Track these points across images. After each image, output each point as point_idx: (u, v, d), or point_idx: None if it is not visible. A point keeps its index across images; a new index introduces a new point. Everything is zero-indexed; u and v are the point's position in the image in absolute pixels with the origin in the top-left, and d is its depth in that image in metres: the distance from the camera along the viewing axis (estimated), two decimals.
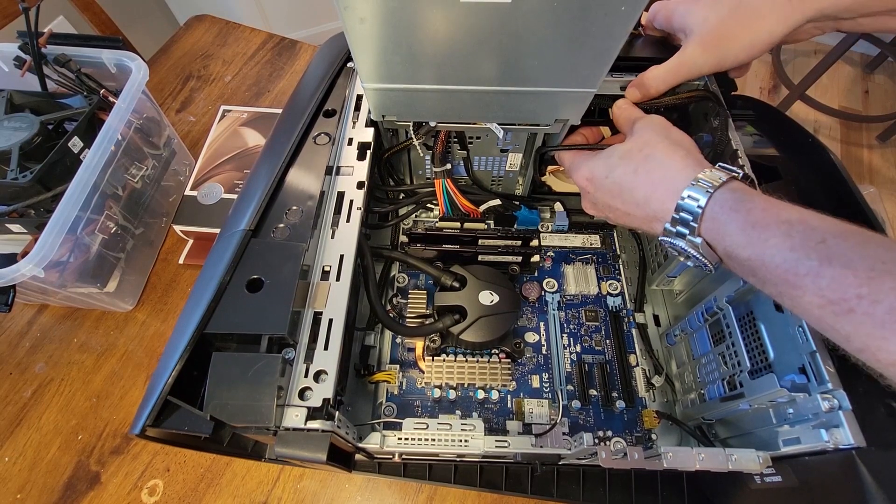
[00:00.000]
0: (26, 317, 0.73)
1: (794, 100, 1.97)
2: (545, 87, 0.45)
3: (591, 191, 0.50)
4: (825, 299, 0.31)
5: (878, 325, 0.29)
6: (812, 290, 0.32)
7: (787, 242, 0.33)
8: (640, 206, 0.44)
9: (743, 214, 0.37)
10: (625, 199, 0.45)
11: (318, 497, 0.61)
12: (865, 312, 0.29)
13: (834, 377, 0.38)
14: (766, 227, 0.35)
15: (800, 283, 0.32)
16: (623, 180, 0.45)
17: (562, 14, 0.36)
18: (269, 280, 0.41)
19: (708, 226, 0.39)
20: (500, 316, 0.58)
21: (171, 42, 1.06)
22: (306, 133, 0.52)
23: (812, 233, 0.33)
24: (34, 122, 0.62)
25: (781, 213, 0.35)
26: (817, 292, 0.31)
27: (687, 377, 0.59)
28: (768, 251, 0.34)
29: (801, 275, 0.32)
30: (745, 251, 0.36)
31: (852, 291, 0.30)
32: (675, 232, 0.41)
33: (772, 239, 0.34)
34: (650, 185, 0.43)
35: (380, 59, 0.42)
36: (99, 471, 0.62)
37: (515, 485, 0.52)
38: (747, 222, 0.36)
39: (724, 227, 0.37)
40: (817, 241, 0.32)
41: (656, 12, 0.54)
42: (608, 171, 0.47)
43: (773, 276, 0.34)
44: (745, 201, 0.37)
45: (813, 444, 0.39)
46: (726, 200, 0.38)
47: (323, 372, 0.40)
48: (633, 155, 0.45)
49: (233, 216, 0.46)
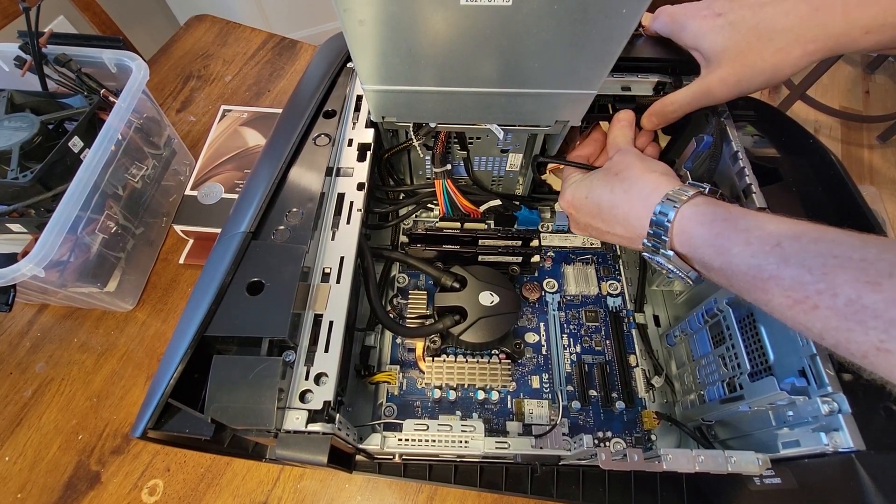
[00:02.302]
0: (27, 316, 0.73)
1: (794, 100, 1.97)
2: (545, 89, 0.45)
3: (573, 213, 0.53)
4: (791, 299, 0.32)
5: (841, 318, 0.30)
6: (777, 291, 0.33)
7: (748, 249, 0.35)
8: (619, 224, 0.46)
9: (707, 227, 0.38)
10: (604, 217, 0.48)
11: (318, 497, 0.61)
12: (828, 307, 0.30)
13: (834, 380, 0.38)
14: (728, 236, 0.37)
15: (766, 286, 0.34)
16: (601, 200, 0.48)
17: (562, 16, 0.36)
18: (269, 283, 0.41)
19: (679, 239, 0.40)
20: (500, 316, 0.58)
21: (172, 42, 1.06)
22: (306, 134, 0.52)
23: (768, 237, 0.34)
24: (34, 122, 0.62)
25: (740, 221, 0.37)
26: (782, 293, 0.33)
27: (687, 378, 0.59)
28: (734, 260, 0.36)
29: (765, 279, 0.33)
30: (716, 262, 0.37)
31: (811, 288, 0.31)
32: (650, 247, 0.43)
33: (734, 248, 0.36)
34: (627, 203, 0.45)
35: (379, 61, 0.42)
36: (99, 470, 0.62)
37: (515, 485, 0.52)
38: (711, 234, 0.38)
39: (694, 240, 0.39)
40: (773, 245, 0.33)
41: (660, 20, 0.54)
42: (587, 191, 0.50)
43: (743, 283, 0.36)
44: (709, 214, 0.39)
45: (812, 447, 0.39)
46: (693, 214, 0.40)
47: (323, 374, 0.40)
48: (609, 176, 0.48)
49: (233, 218, 0.46)
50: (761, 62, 0.46)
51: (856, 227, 0.47)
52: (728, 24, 0.47)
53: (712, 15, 0.49)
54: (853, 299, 0.29)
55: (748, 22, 0.46)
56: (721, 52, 0.48)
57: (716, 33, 0.48)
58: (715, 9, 0.49)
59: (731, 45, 0.47)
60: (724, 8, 0.48)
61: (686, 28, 0.51)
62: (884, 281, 0.28)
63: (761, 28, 0.46)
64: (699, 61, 0.51)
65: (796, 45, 0.45)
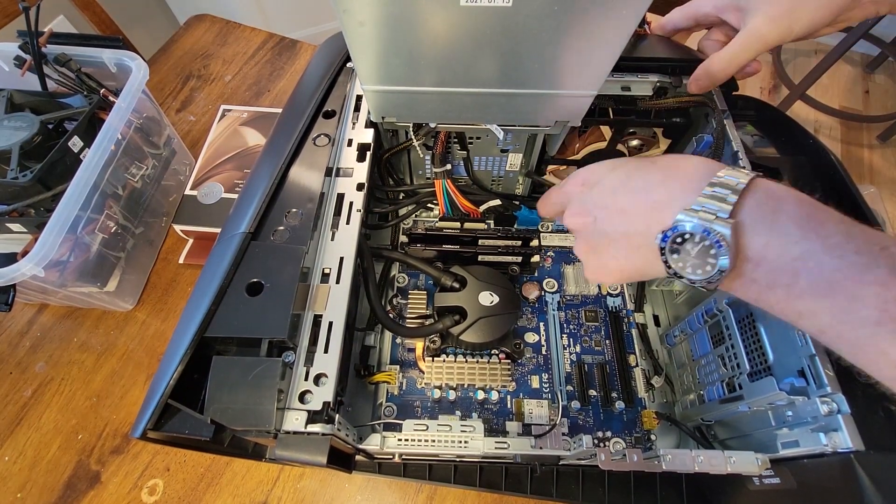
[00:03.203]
0: (26, 316, 0.73)
1: (794, 99, 1.97)
2: (545, 90, 0.45)
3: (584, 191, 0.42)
4: (888, 314, 0.27)
5: None
6: (874, 302, 0.27)
7: (851, 243, 0.28)
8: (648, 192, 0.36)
9: (794, 205, 0.31)
10: (629, 187, 0.38)
11: (318, 497, 0.61)
12: None
13: (833, 381, 0.38)
14: (823, 222, 0.30)
15: (861, 292, 0.27)
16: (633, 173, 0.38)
17: (563, 17, 0.36)
18: (269, 283, 0.41)
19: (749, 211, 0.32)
20: (499, 316, 0.58)
21: (172, 42, 1.06)
22: (306, 134, 0.52)
23: (873, 237, 0.28)
24: (34, 122, 0.62)
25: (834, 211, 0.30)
26: (880, 305, 0.27)
27: (686, 378, 0.59)
28: (827, 250, 0.29)
29: (866, 283, 0.27)
30: (797, 247, 0.30)
31: None
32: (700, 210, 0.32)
33: (833, 237, 0.29)
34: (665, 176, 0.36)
35: (379, 62, 0.42)
36: (99, 470, 0.62)
37: (515, 485, 0.52)
38: (800, 214, 0.30)
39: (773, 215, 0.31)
40: (881, 248, 0.28)
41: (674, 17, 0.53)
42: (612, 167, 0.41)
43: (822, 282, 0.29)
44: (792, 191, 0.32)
45: (812, 448, 0.39)
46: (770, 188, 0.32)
47: (323, 375, 0.40)
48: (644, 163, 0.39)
49: (232, 219, 0.46)
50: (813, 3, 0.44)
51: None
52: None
53: None
54: None
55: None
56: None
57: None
58: None
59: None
60: None
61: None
62: None
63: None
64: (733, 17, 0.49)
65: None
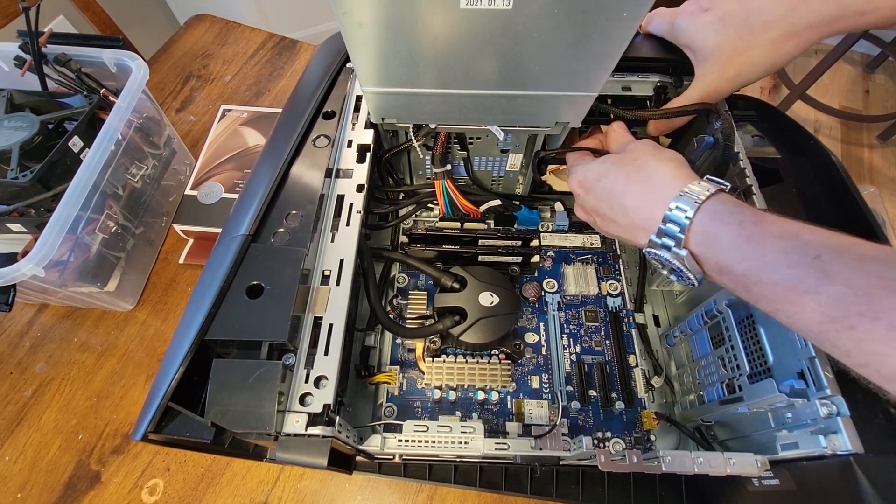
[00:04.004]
0: (27, 316, 0.73)
1: (794, 99, 1.97)
2: (546, 91, 0.45)
3: (581, 194, 0.50)
4: (826, 316, 0.30)
5: (879, 342, 0.29)
6: (812, 307, 0.31)
7: (785, 259, 0.33)
8: (626, 214, 0.44)
9: (735, 228, 0.36)
10: (612, 205, 0.45)
11: (318, 496, 0.61)
12: (867, 329, 0.29)
13: (832, 383, 0.38)
14: (761, 242, 0.34)
15: (799, 300, 0.32)
16: (614, 186, 0.45)
17: (563, 19, 0.36)
18: (269, 286, 0.41)
19: (696, 239, 0.38)
20: (499, 317, 0.58)
21: (172, 42, 1.06)
22: (305, 135, 0.52)
23: (807, 248, 0.32)
24: (34, 122, 0.62)
25: (773, 226, 0.35)
26: (817, 309, 0.31)
27: (686, 378, 0.59)
28: (765, 268, 0.34)
29: (801, 292, 0.32)
30: (740, 266, 0.35)
31: (853, 309, 0.29)
32: (660, 243, 0.40)
33: (768, 255, 0.34)
34: (640, 193, 0.43)
35: (379, 63, 0.42)
36: (99, 470, 0.62)
37: (515, 485, 0.52)
38: (740, 237, 0.36)
39: (716, 241, 0.37)
40: (813, 257, 0.32)
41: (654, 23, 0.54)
42: (600, 175, 0.47)
43: (770, 293, 0.34)
44: (736, 214, 0.37)
45: (811, 450, 0.39)
46: (716, 213, 0.37)
47: (323, 377, 0.40)
48: (625, 163, 0.46)
49: (232, 221, 0.46)
50: (758, 55, 0.46)
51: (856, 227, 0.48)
52: (717, 19, 0.47)
53: (699, 10, 0.48)
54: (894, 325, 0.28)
55: (738, 16, 0.46)
56: (715, 49, 0.47)
57: (706, 31, 0.47)
58: (701, 3, 0.48)
59: (724, 40, 0.46)
60: (711, 3, 0.48)
61: (676, 26, 0.50)
62: None
63: (752, 21, 0.45)
64: (692, 59, 0.50)
65: (790, 35, 0.44)
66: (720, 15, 0.47)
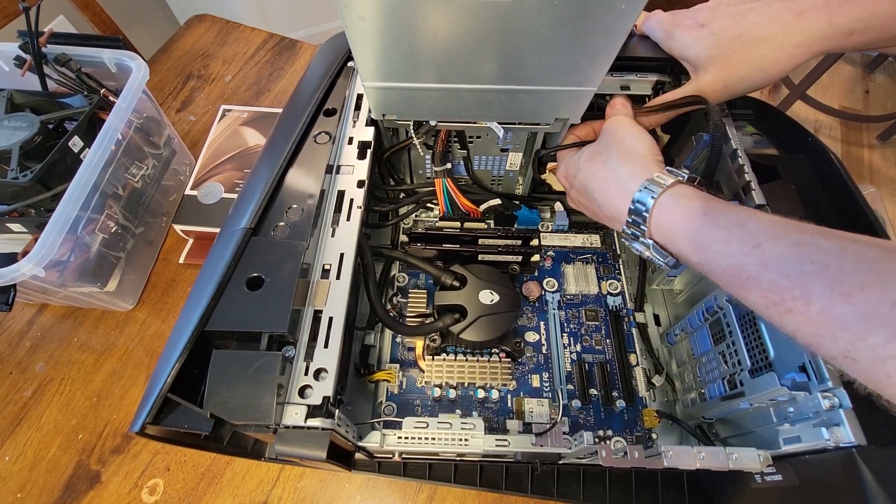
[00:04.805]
0: (26, 316, 0.73)
1: (794, 99, 1.97)
2: (545, 86, 0.45)
3: (567, 186, 0.54)
4: (767, 300, 0.33)
5: (814, 325, 0.30)
6: (756, 291, 0.33)
7: (727, 248, 0.35)
8: (601, 207, 0.47)
9: (685, 222, 0.38)
10: (591, 199, 0.49)
11: (318, 496, 0.61)
12: (801, 313, 0.31)
13: (834, 375, 0.38)
14: (706, 233, 0.37)
15: (744, 285, 0.34)
16: (587, 182, 0.49)
17: (562, 13, 0.36)
18: (269, 278, 0.41)
19: (657, 231, 0.41)
20: (500, 315, 0.58)
21: (172, 42, 1.06)
22: (306, 132, 0.52)
23: (748, 237, 0.34)
24: (34, 122, 0.62)
25: (720, 218, 0.37)
26: (760, 294, 0.33)
27: (687, 376, 0.59)
28: (713, 258, 0.36)
29: (744, 278, 0.34)
30: (693, 257, 0.38)
31: (787, 294, 0.31)
32: (629, 234, 0.44)
33: (713, 246, 0.36)
34: (606, 189, 0.46)
35: (380, 58, 0.42)
36: (99, 470, 0.62)
37: (515, 484, 0.52)
38: (690, 229, 0.38)
39: (672, 233, 0.40)
40: (753, 246, 0.33)
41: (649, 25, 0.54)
42: (577, 171, 0.51)
43: (721, 279, 0.36)
44: (686, 207, 0.39)
45: (813, 443, 0.39)
46: (671, 206, 0.40)
47: (323, 370, 0.40)
48: (594, 158, 0.49)
49: (233, 214, 0.46)
50: (748, 69, 0.47)
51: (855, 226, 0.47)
52: (712, 34, 0.48)
53: (696, 26, 0.49)
54: (825, 308, 0.29)
55: (732, 31, 0.47)
56: (707, 61, 0.48)
57: (701, 43, 0.49)
58: (698, 19, 0.49)
59: (716, 54, 0.48)
60: (707, 18, 0.49)
61: (672, 37, 0.51)
62: (856, 293, 0.28)
63: (745, 37, 0.46)
64: (687, 68, 0.52)
65: (781, 52, 0.45)
66: (715, 30, 0.48)
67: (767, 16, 0.45)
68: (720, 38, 0.47)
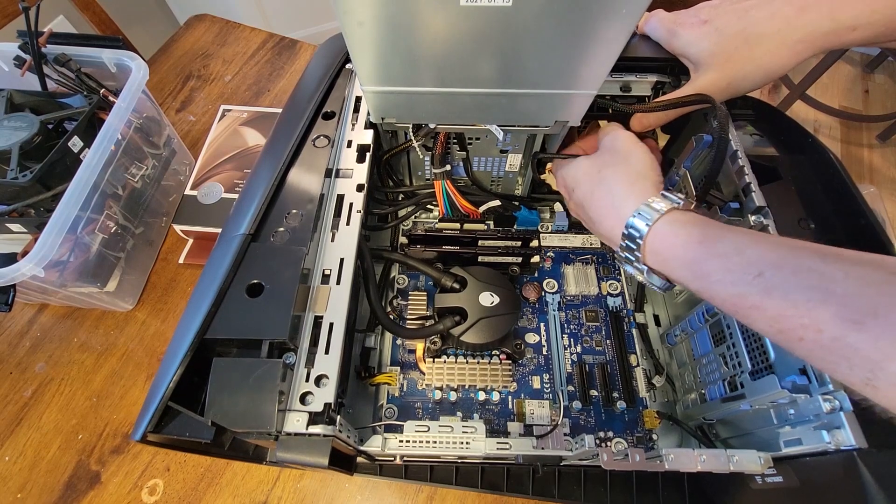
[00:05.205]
0: (26, 316, 0.73)
1: (794, 99, 1.97)
2: (545, 90, 0.45)
3: (567, 196, 0.54)
4: (775, 328, 0.32)
5: (828, 352, 0.29)
6: (762, 320, 0.32)
7: (728, 277, 0.34)
8: (597, 225, 0.47)
9: (682, 249, 0.37)
10: (588, 214, 0.49)
11: (318, 497, 0.61)
12: (813, 340, 0.30)
13: (834, 378, 0.38)
14: (704, 261, 0.36)
15: (748, 314, 0.33)
16: (583, 199, 0.49)
17: (562, 17, 0.36)
18: (269, 285, 0.40)
19: (652, 258, 0.40)
20: (500, 317, 0.58)
21: (171, 41, 1.06)
22: (305, 135, 0.52)
23: (748, 266, 0.33)
24: (34, 122, 0.62)
25: (717, 245, 0.36)
26: (766, 322, 0.32)
27: (688, 377, 0.59)
28: (713, 287, 0.35)
29: (747, 307, 0.33)
30: (692, 285, 0.37)
31: (796, 322, 0.30)
32: (623, 257, 0.43)
33: (713, 275, 0.35)
34: (602, 209, 0.45)
35: (379, 62, 0.42)
36: (99, 470, 0.62)
37: (517, 486, 0.52)
38: (686, 259, 0.37)
39: (669, 262, 0.39)
40: (754, 275, 0.32)
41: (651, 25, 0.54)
42: (574, 184, 0.50)
43: (724, 307, 0.35)
44: (682, 235, 0.38)
45: (814, 445, 0.39)
46: (666, 234, 0.39)
47: (324, 376, 0.40)
48: (591, 175, 0.48)
49: (232, 220, 0.46)
50: (751, 65, 0.47)
51: (855, 226, 0.47)
52: (715, 29, 0.48)
53: (699, 22, 0.49)
54: (838, 337, 0.28)
55: (734, 27, 0.47)
56: (709, 58, 0.48)
57: (703, 40, 0.48)
58: (701, 16, 0.49)
59: (719, 50, 0.47)
60: (710, 14, 0.49)
61: (675, 35, 0.51)
62: (868, 320, 0.27)
63: (748, 32, 0.46)
64: (688, 66, 0.51)
65: (784, 47, 0.45)
66: (718, 26, 0.48)
67: (770, 11, 0.45)
68: (723, 34, 0.47)
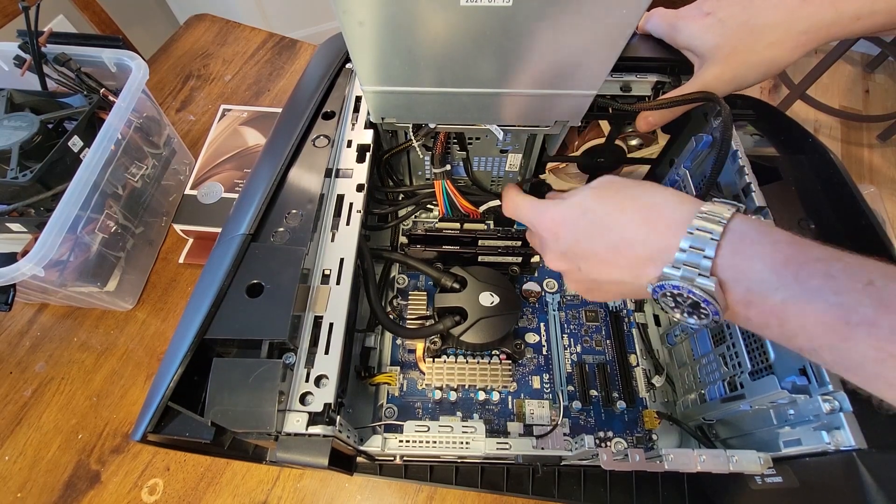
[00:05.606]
0: (26, 316, 0.73)
1: (794, 99, 1.97)
2: (545, 90, 0.45)
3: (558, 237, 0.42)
4: (885, 352, 0.26)
5: None
6: (866, 341, 0.26)
7: (831, 284, 0.28)
8: (630, 246, 0.37)
9: (769, 248, 0.31)
10: (608, 240, 0.38)
11: (318, 496, 0.61)
12: None
13: (835, 379, 0.38)
14: (801, 264, 0.29)
15: (850, 333, 0.27)
16: (605, 219, 0.38)
17: (562, 17, 0.36)
18: (269, 285, 0.40)
19: (724, 263, 0.32)
20: (500, 317, 0.58)
21: (171, 41, 1.06)
22: (305, 135, 0.52)
23: (856, 272, 0.28)
24: (34, 122, 0.62)
25: (812, 249, 0.30)
26: (873, 344, 0.26)
27: (687, 377, 0.59)
28: (808, 295, 0.28)
29: (854, 324, 0.27)
30: (777, 294, 0.30)
31: None
32: (678, 276, 0.33)
33: (813, 280, 0.29)
34: (643, 222, 0.36)
35: (379, 62, 0.42)
36: (99, 470, 0.62)
37: (516, 486, 0.52)
38: (776, 259, 0.30)
39: (748, 266, 0.31)
40: (865, 283, 0.27)
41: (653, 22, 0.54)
42: (583, 210, 0.40)
43: (812, 325, 0.29)
44: (767, 234, 0.32)
45: (814, 446, 0.39)
46: (745, 232, 0.32)
47: (324, 376, 0.40)
48: (613, 193, 0.40)
49: (232, 220, 0.46)
50: (755, 57, 0.46)
51: (856, 227, 0.47)
52: (718, 21, 0.47)
53: (701, 15, 0.49)
54: None
55: (738, 18, 0.46)
56: (714, 50, 0.48)
57: (707, 32, 0.48)
58: (704, 8, 0.49)
59: (724, 42, 0.47)
60: (713, 6, 0.48)
61: (678, 30, 0.51)
62: None
63: (752, 24, 0.46)
64: (692, 61, 0.51)
65: (788, 38, 0.45)
66: (721, 18, 0.47)
67: (773, 3, 0.45)
68: (726, 25, 0.47)
